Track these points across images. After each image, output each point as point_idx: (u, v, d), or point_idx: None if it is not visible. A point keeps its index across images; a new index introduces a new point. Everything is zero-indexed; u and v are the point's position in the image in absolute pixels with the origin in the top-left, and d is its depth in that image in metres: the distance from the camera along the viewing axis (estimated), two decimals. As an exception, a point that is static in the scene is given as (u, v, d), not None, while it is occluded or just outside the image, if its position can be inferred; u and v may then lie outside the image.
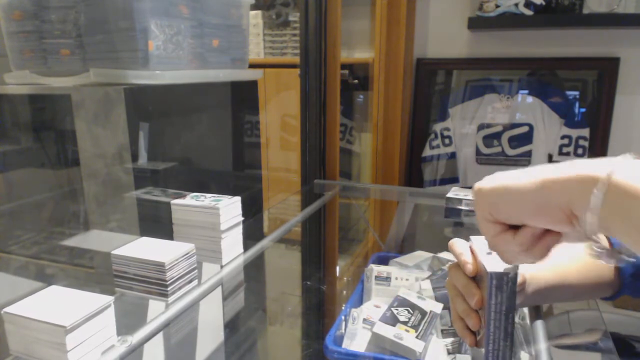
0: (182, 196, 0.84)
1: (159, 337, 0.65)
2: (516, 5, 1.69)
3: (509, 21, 1.73)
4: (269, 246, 1.00)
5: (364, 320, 0.73)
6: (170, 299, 0.69)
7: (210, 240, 0.81)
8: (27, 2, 0.85)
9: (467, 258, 0.51)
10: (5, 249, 0.96)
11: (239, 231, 0.86)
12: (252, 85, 1.21)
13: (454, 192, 1.24)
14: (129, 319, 0.65)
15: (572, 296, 0.65)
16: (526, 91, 1.86)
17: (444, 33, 1.93)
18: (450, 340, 0.72)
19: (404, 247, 1.23)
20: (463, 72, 1.97)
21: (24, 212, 0.97)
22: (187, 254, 0.71)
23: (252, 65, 1.13)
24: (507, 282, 0.45)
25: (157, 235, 0.76)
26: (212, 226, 0.80)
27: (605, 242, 0.36)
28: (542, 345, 0.65)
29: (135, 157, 0.80)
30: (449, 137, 1.95)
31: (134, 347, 0.59)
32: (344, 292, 1.06)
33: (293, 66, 1.80)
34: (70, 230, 0.92)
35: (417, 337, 0.67)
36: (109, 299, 0.57)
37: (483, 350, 0.48)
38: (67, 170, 0.91)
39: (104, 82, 0.82)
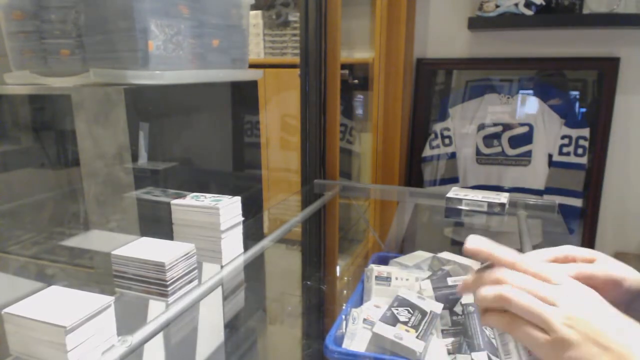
0: (182, 196, 0.84)
1: (159, 337, 0.65)
2: (516, 5, 1.69)
3: (509, 21, 1.73)
4: (269, 246, 1.00)
5: (364, 320, 0.73)
6: (170, 299, 0.69)
7: (210, 240, 0.81)
8: (27, 2, 0.85)
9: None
10: (5, 249, 0.96)
11: (239, 231, 0.86)
12: (252, 85, 1.21)
13: (454, 192, 1.24)
14: (129, 319, 0.65)
15: None
16: (526, 91, 1.86)
17: (444, 33, 1.93)
18: (450, 340, 0.72)
19: (404, 247, 1.23)
20: (463, 72, 1.97)
21: (24, 212, 0.97)
22: (187, 254, 0.71)
23: (252, 65, 1.13)
24: None
25: (157, 235, 0.76)
26: (212, 226, 0.80)
27: None
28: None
29: (135, 157, 0.80)
30: (449, 137, 1.95)
31: (134, 347, 0.59)
32: (344, 292, 1.06)
33: (293, 66, 1.80)
34: (70, 230, 0.92)
35: (417, 337, 0.67)
36: (109, 299, 0.57)
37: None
38: (67, 170, 0.91)
39: (104, 82, 0.82)
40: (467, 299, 0.75)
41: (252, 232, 1.02)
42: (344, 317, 0.75)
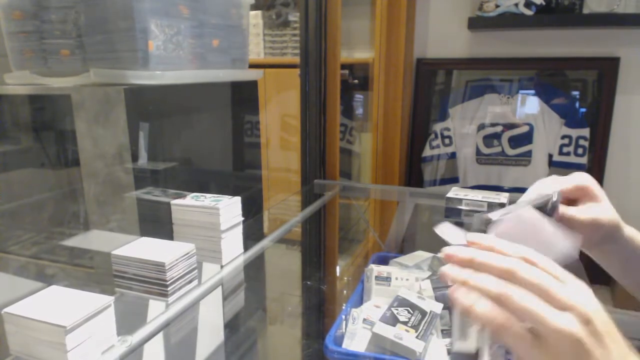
0: (182, 196, 0.84)
1: (159, 337, 0.65)
2: (516, 5, 1.69)
3: (509, 21, 1.73)
4: (269, 246, 1.00)
5: (364, 320, 0.73)
6: (170, 299, 0.69)
7: (210, 240, 0.81)
8: (27, 2, 0.85)
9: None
10: (5, 249, 0.96)
11: (239, 231, 0.86)
12: (252, 85, 1.21)
13: (454, 192, 1.24)
14: (129, 319, 0.65)
15: None
16: (526, 91, 1.86)
17: (444, 33, 1.93)
18: (450, 340, 0.72)
19: (404, 247, 1.23)
20: (463, 72, 1.97)
21: (24, 212, 0.97)
22: (187, 254, 0.71)
23: (252, 65, 1.13)
24: None
25: (157, 235, 0.76)
26: (212, 226, 0.80)
27: None
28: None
29: (135, 157, 0.80)
30: (449, 137, 1.95)
31: (134, 347, 0.59)
32: (344, 292, 1.06)
33: (293, 66, 1.80)
34: (71, 230, 0.92)
35: (417, 337, 0.67)
36: (109, 299, 0.57)
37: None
38: (67, 171, 0.91)
39: (104, 82, 0.82)
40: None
41: (252, 232, 1.02)
42: (344, 317, 0.75)
